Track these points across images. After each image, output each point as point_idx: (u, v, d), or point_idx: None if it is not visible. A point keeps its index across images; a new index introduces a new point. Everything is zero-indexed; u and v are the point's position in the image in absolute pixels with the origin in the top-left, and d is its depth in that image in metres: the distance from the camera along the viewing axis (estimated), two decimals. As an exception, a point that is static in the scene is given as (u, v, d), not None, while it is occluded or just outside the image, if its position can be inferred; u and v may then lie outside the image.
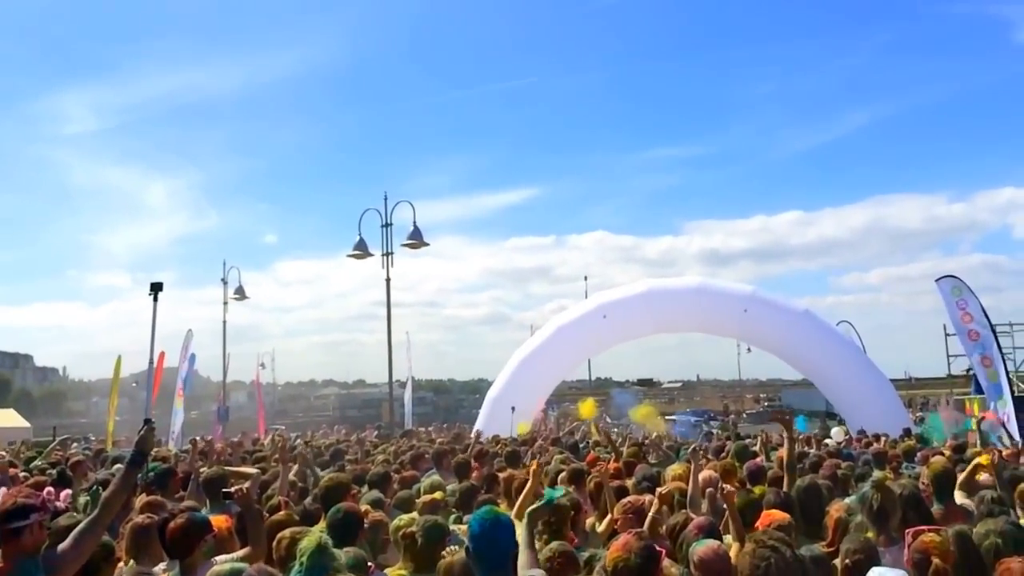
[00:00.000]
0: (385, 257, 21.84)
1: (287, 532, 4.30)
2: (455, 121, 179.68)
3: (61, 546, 3.97)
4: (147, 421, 4.75)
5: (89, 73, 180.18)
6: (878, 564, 3.70)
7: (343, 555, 3.53)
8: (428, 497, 6.00)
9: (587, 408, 19.96)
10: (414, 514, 4.99)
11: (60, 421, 42.94)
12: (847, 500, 5.92)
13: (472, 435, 17.33)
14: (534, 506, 4.15)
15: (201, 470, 7.65)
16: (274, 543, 4.39)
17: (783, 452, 7.61)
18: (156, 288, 7.24)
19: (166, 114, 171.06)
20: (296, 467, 8.86)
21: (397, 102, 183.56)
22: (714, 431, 22.34)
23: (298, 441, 16.34)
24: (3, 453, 12.50)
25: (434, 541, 4.31)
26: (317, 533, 3.46)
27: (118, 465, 9.87)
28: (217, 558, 4.04)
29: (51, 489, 7.31)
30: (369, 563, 3.94)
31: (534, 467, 5.95)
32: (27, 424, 26.74)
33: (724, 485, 5.64)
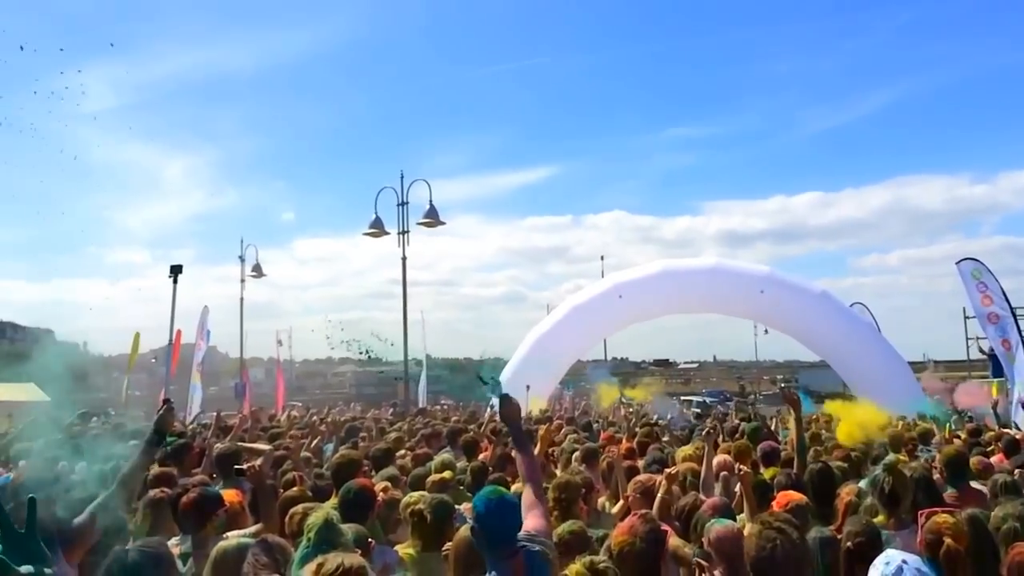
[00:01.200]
0: (401, 235, 21.88)
1: (299, 507, 4.34)
2: (473, 100, 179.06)
3: (77, 519, 4.02)
4: (166, 401, 4.80)
5: (107, 50, 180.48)
6: (880, 547, 3.69)
7: (349, 531, 3.56)
8: (437, 476, 6.02)
9: (607, 393, 19.99)
10: (423, 492, 5.02)
11: (81, 396, 43.39)
12: (860, 483, 5.90)
13: (486, 414, 17.38)
14: (499, 409, 4.08)
15: (216, 446, 7.71)
16: (287, 518, 4.43)
17: (793, 434, 7.61)
18: (176, 270, 7.32)
19: (184, 92, 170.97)
20: (315, 442, 8.95)
21: (414, 80, 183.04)
22: (729, 411, 22.28)
23: (314, 418, 16.45)
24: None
25: (441, 519, 4.34)
26: (326, 509, 3.49)
27: (135, 441, 9.99)
28: (228, 533, 4.08)
29: (64, 463, 7.38)
30: (370, 539, 3.95)
31: (542, 433, 5.95)
32: (47, 398, 26.97)
33: (741, 467, 5.65)
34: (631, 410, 17.29)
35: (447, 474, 6.27)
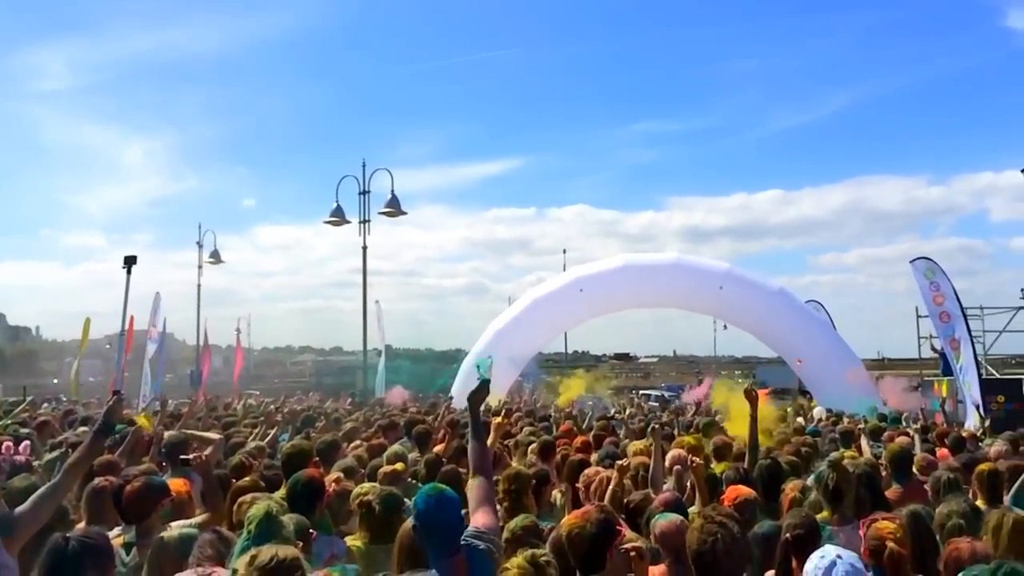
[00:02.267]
0: (362, 224, 21.82)
1: (248, 497, 4.31)
2: (438, 90, 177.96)
3: (19, 509, 3.95)
4: (116, 392, 4.76)
5: (66, 28, 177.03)
6: (819, 540, 3.75)
7: (290, 522, 3.54)
8: (389, 468, 6.00)
9: (575, 386, 20.03)
10: (375, 484, 4.99)
11: (32, 381, 42.58)
12: (809, 480, 6.00)
13: (443, 406, 17.37)
14: (472, 389, 4.09)
15: (166, 434, 7.61)
16: (235, 507, 4.39)
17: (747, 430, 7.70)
18: (130, 261, 7.27)
19: (144, 73, 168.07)
20: (272, 432, 8.87)
21: (380, 69, 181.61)
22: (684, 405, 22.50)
23: (270, 408, 16.33)
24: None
25: (390, 512, 4.32)
26: (267, 502, 3.46)
27: (84, 428, 9.86)
28: (173, 523, 4.03)
29: (10, 444, 7.28)
30: (312, 530, 3.93)
31: (496, 422, 5.95)
32: (-5, 384, 26.48)
33: (693, 459, 5.70)
34: (589, 404, 17.41)
35: (399, 466, 6.24)
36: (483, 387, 4.11)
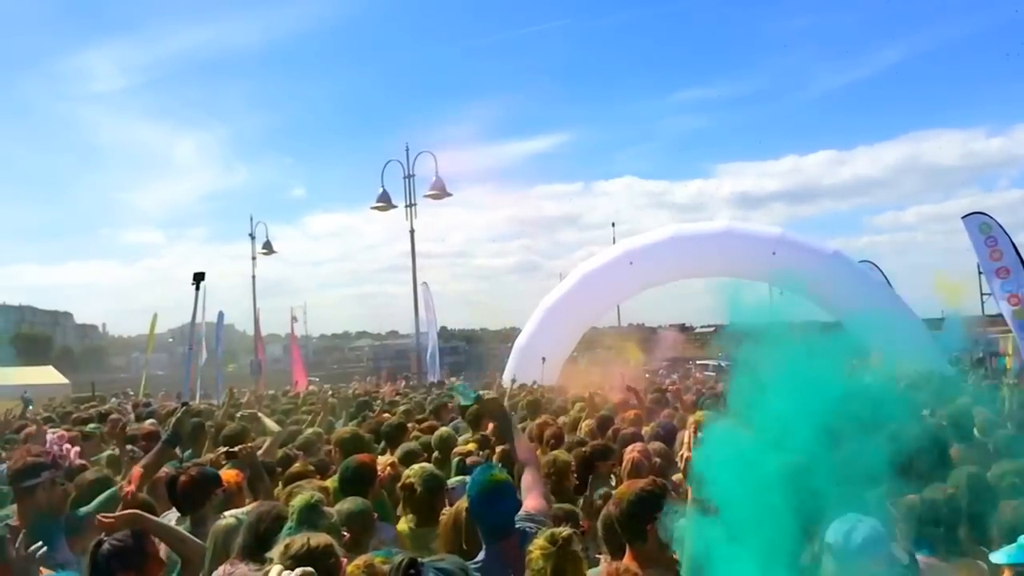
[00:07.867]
0: (408, 208, 21.96)
1: (291, 487, 4.40)
2: (479, 69, 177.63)
3: (84, 509, 4.10)
4: (183, 404, 4.89)
5: (114, 30, 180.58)
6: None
7: (341, 509, 3.58)
8: (464, 448, 6.07)
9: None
10: (423, 465, 5.04)
11: (101, 377, 43.85)
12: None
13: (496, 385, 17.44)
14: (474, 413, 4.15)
15: (229, 425, 7.78)
16: (285, 495, 4.46)
17: None
18: (199, 278, 7.45)
19: (192, 70, 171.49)
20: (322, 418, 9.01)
21: (420, 51, 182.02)
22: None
23: (328, 395, 16.60)
24: (40, 410, 12.89)
25: (432, 492, 4.34)
26: (309, 492, 3.51)
27: (151, 420, 10.13)
28: (226, 512, 4.12)
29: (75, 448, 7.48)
30: (375, 512, 3.97)
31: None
32: (66, 381, 27.25)
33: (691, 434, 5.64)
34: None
35: (471, 446, 6.31)
36: (484, 403, 4.24)
